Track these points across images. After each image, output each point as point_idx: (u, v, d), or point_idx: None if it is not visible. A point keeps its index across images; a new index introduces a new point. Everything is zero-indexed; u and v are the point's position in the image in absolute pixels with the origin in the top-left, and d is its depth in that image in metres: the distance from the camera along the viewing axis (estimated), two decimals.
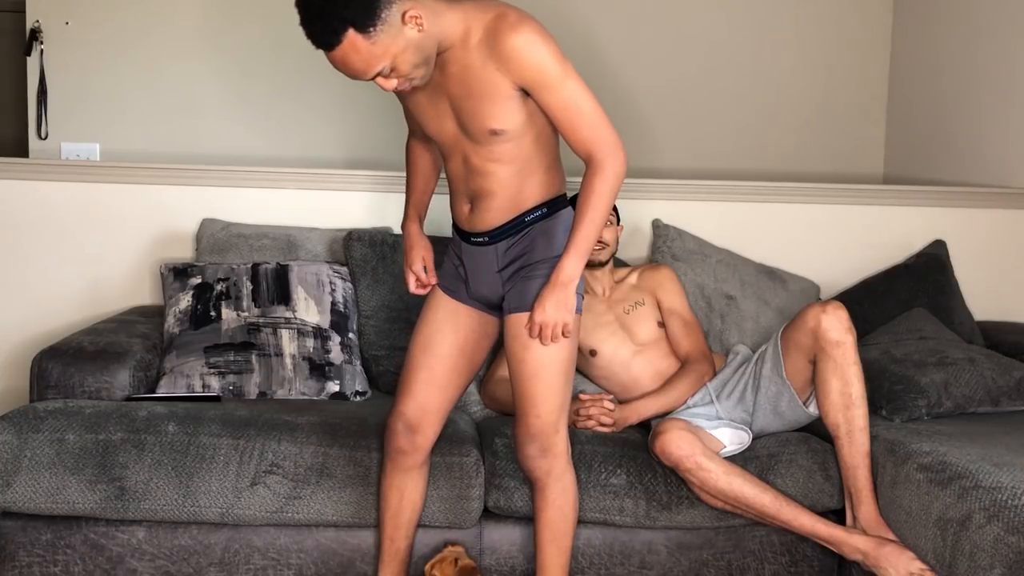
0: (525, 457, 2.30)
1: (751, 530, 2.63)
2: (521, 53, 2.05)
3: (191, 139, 3.97)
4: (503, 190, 2.22)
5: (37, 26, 3.85)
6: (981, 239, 3.53)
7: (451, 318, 2.36)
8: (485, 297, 2.33)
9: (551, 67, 2.07)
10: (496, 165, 2.20)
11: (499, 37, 2.05)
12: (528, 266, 2.25)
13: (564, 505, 2.34)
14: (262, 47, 3.97)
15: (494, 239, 2.27)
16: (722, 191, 3.49)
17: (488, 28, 2.06)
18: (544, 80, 2.08)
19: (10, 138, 4.62)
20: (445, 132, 2.22)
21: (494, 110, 2.12)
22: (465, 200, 2.28)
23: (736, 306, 3.25)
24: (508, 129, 2.14)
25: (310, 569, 2.55)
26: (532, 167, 2.22)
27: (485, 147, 2.18)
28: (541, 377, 2.23)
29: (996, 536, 2.11)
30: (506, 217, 2.24)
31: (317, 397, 2.90)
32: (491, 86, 2.09)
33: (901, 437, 2.57)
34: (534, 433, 2.27)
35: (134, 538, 2.52)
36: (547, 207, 2.25)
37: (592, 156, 2.15)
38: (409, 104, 2.27)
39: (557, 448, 2.29)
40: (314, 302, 3.00)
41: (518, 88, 2.10)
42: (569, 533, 2.36)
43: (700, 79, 4.22)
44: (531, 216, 2.24)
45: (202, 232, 3.28)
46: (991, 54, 3.66)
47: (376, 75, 2.03)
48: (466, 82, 2.11)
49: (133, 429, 2.53)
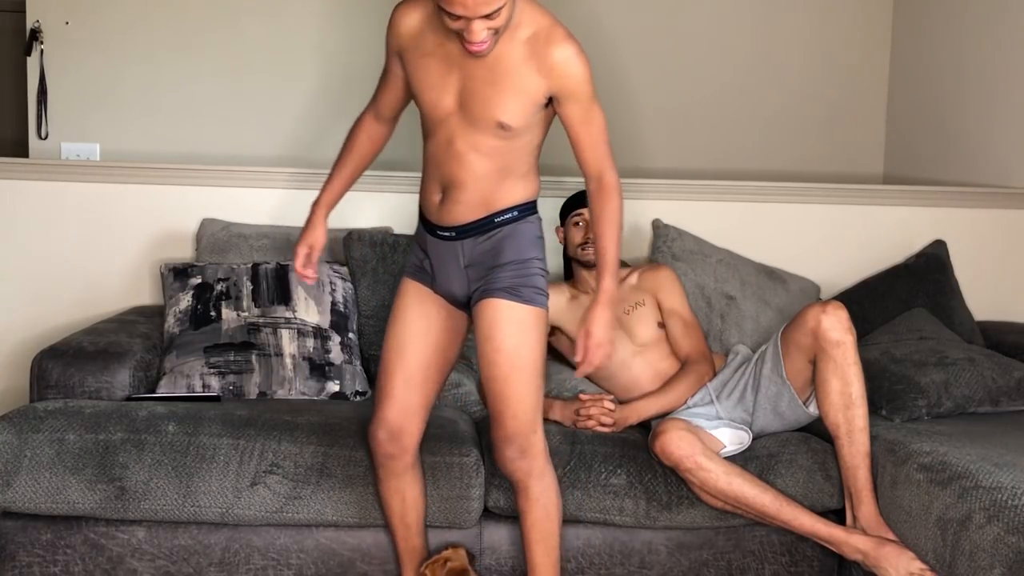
0: (505, 460, 2.30)
1: (751, 530, 2.63)
2: (568, 63, 2.14)
3: (191, 139, 3.97)
4: (475, 183, 2.23)
5: (37, 26, 3.86)
6: (981, 239, 3.53)
7: (423, 318, 2.36)
8: (452, 293, 2.34)
9: (587, 84, 2.17)
10: (478, 156, 2.21)
11: (552, 44, 2.13)
12: (497, 266, 2.26)
13: (548, 504, 2.34)
14: (262, 47, 3.97)
15: (461, 235, 2.28)
16: (722, 191, 3.49)
17: (542, 31, 2.14)
18: (579, 94, 2.17)
19: (10, 138, 4.62)
20: (441, 106, 2.21)
21: (512, 105, 2.15)
22: (437, 187, 2.28)
23: (736, 306, 3.25)
24: (514, 127, 2.17)
25: (310, 569, 2.55)
26: (510, 170, 2.24)
27: (478, 134, 2.19)
28: (516, 377, 2.24)
29: (996, 536, 2.11)
30: (476, 215, 2.26)
31: (317, 397, 2.90)
32: (522, 83, 2.14)
33: (901, 437, 2.57)
34: (511, 434, 2.26)
35: (134, 538, 2.52)
36: (517, 211, 2.28)
37: (603, 175, 2.25)
38: (418, 67, 2.22)
39: (536, 448, 2.29)
40: (314, 302, 3.00)
41: (548, 95, 2.17)
42: (555, 531, 2.36)
43: (700, 79, 4.22)
44: (501, 217, 2.27)
45: (202, 232, 3.28)
46: (991, 54, 3.66)
47: (491, 13, 2.01)
48: (495, 69, 2.14)
49: (133, 429, 2.53)
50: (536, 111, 2.19)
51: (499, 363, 2.24)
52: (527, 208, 2.30)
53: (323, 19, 4.00)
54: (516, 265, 2.26)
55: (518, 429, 2.26)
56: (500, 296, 2.24)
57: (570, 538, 2.59)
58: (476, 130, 2.19)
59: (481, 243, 2.27)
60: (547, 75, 2.14)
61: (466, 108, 2.18)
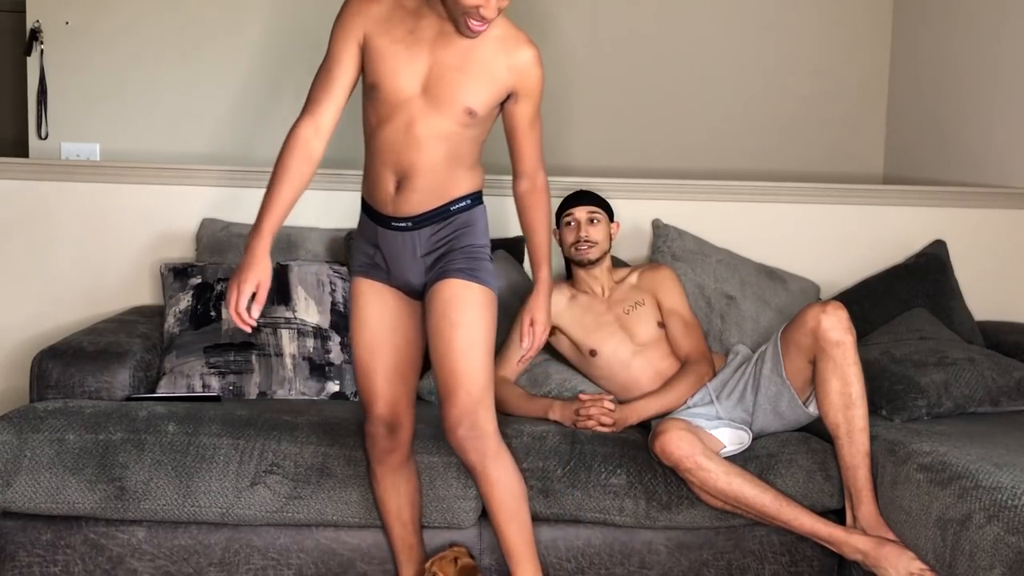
0: (457, 439, 2.27)
1: (751, 530, 2.63)
2: (535, 65, 2.30)
3: (191, 139, 3.97)
4: (431, 170, 2.28)
5: (37, 26, 3.86)
6: (981, 239, 3.53)
7: (386, 315, 2.38)
8: (408, 283, 2.37)
9: (542, 88, 2.35)
10: (436, 141, 2.26)
11: (521, 45, 2.29)
12: (453, 251, 2.33)
13: (510, 482, 2.31)
14: (262, 47, 3.96)
15: (417, 225, 2.32)
16: (722, 191, 3.49)
17: (510, 34, 2.28)
18: (535, 95, 2.34)
19: (10, 138, 4.62)
20: (404, 89, 2.25)
21: (481, 92, 2.25)
22: (391, 176, 2.31)
23: (736, 306, 3.25)
24: (479, 115, 2.27)
25: (310, 569, 2.55)
26: (462, 159, 2.32)
27: (440, 119, 2.25)
28: (471, 353, 2.26)
29: (996, 536, 2.11)
30: (432, 204, 2.32)
31: (317, 397, 2.90)
32: (492, 73, 2.26)
33: (901, 437, 2.57)
34: (463, 411, 2.25)
35: (134, 538, 2.52)
36: (470, 199, 2.36)
37: (537, 175, 2.43)
38: (386, 53, 2.24)
39: (488, 426, 2.28)
40: (314, 302, 3.00)
41: (509, 91, 2.30)
42: (523, 508, 2.34)
43: (700, 79, 4.22)
44: (456, 206, 2.34)
45: (202, 232, 3.28)
46: (991, 54, 3.66)
47: None
48: (467, 57, 2.24)
49: (133, 429, 2.53)
50: (496, 104, 2.30)
51: (455, 339, 2.26)
52: (478, 197, 2.39)
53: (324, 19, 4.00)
54: (472, 250, 2.33)
55: (471, 406, 2.25)
56: (456, 276, 2.30)
57: (570, 538, 2.60)
58: (438, 114, 2.25)
59: (437, 232, 2.33)
60: (514, 72, 2.28)
61: (431, 93, 2.24)
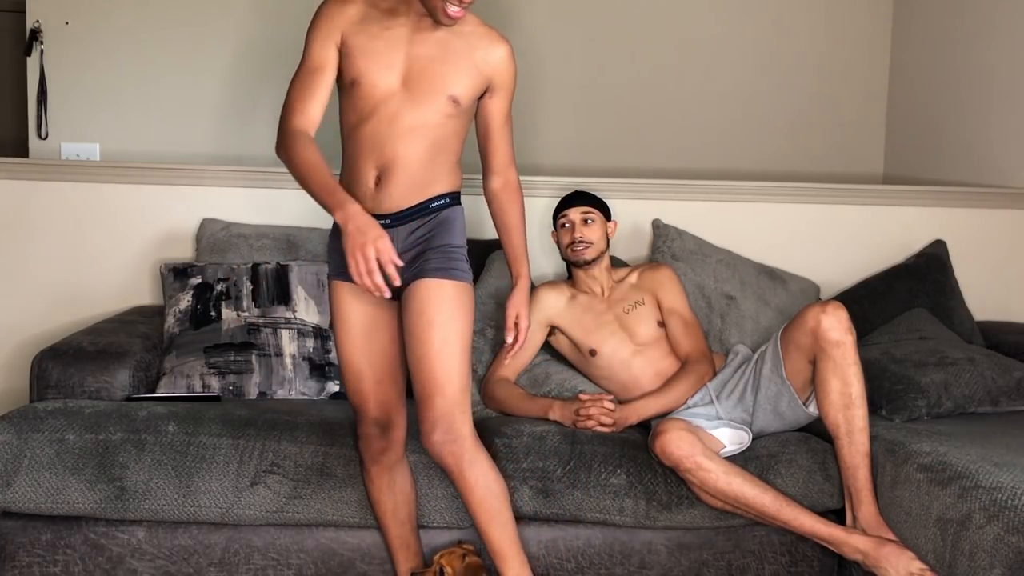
0: (433, 444, 2.26)
1: (751, 530, 2.63)
2: (509, 60, 2.39)
3: (191, 139, 3.97)
4: (412, 163, 2.30)
5: (37, 26, 3.86)
6: (981, 239, 3.53)
7: (368, 317, 2.37)
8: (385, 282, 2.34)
9: (514, 83, 2.43)
10: (421, 132, 2.29)
11: (496, 41, 2.37)
12: (429, 250, 2.33)
13: (489, 482, 2.31)
14: (261, 47, 3.96)
15: (396, 223, 2.33)
16: (722, 191, 3.49)
17: (483, 30, 2.36)
18: (510, 90, 2.42)
19: (10, 138, 4.62)
20: (384, 83, 2.28)
21: (463, 80, 2.32)
22: (372, 172, 2.32)
23: (736, 306, 3.24)
24: (461, 104, 2.32)
25: (310, 569, 2.55)
26: (442, 157, 2.35)
27: (424, 110, 2.28)
28: (447, 352, 2.26)
29: (996, 536, 2.11)
30: (412, 200, 2.33)
31: (317, 397, 2.90)
32: (470, 65, 2.33)
33: (901, 437, 2.57)
34: (440, 415, 2.24)
35: (134, 538, 2.52)
36: (448, 198, 2.39)
37: (509, 172, 2.49)
38: (365, 50, 2.28)
39: (464, 430, 2.27)
40: (314, 302, 3.00)
41: (487, 85, 2.37)
42: (505, 507, 2.33)
43: (700, 79, 4.22)
44: (435, 203, 2.36)
45: (202, 232, 3.28)
46: (991, 54, 3.66)
47: None
48: (445, 49, 2.31)
49: (133, 429, 2.53)
50: (476, 95, 2.36)
51: (432, 339, 2.25)
52: (456, 197, 2.41)
53: None
54: (447, 249, 2.34)
55: (448, 409, 2.24)
56: (432, 276, 2.30)
57: (570, 538, 2.60)
58: (422, 106, 2.29)
59: (415, 230, 2.35)
60: (490, 66, 2.36)
61: (412, 86, 2.28)
